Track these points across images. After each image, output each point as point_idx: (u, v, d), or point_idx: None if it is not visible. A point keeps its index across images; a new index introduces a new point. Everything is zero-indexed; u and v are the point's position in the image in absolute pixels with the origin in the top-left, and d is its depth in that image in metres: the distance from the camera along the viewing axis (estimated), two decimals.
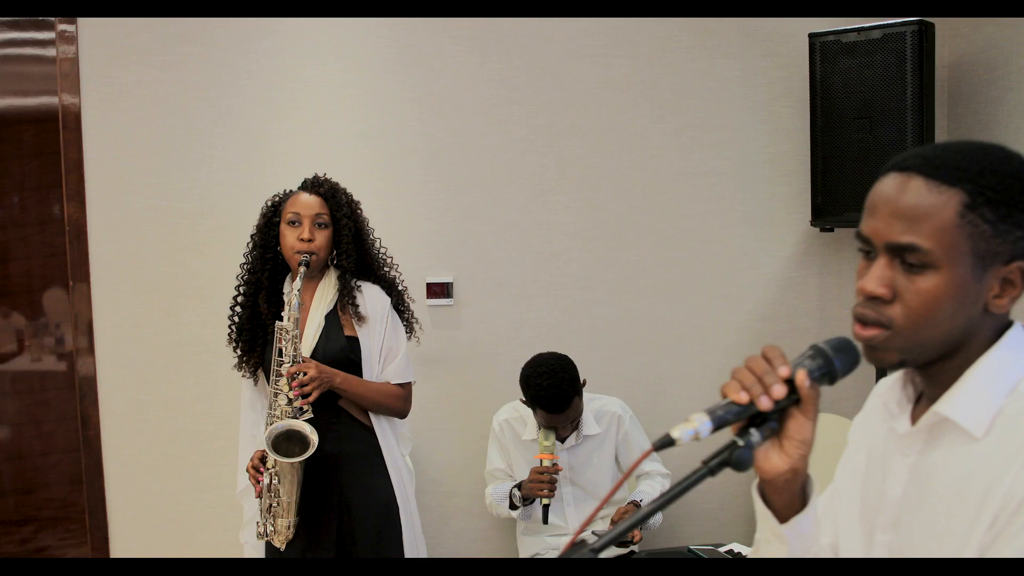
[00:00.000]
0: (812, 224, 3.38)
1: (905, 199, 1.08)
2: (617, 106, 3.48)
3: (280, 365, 2.45)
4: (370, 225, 2.75)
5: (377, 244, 2.72)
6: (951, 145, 1.11)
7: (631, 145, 3.50)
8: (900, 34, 3.00)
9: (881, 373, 2.35)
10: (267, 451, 2.37)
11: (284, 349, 2.45)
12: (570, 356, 2.98)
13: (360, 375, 2.57)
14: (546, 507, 2.91)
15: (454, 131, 3.44)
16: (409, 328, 2.74)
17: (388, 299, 2.66)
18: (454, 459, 3.50)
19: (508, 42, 3.43)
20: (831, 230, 3.43)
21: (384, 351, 2.62)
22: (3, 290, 3.51)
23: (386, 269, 2.71)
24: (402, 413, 2.66)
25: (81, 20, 3.23)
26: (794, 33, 3.38)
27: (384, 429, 2.61)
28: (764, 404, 1.04)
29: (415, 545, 2.62)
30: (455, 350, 3.49)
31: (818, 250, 3.57)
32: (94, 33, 3.24)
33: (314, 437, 2.38)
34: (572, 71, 3.46)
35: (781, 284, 3.56)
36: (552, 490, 2.90)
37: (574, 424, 3.04)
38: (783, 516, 1.13)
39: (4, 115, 3.40)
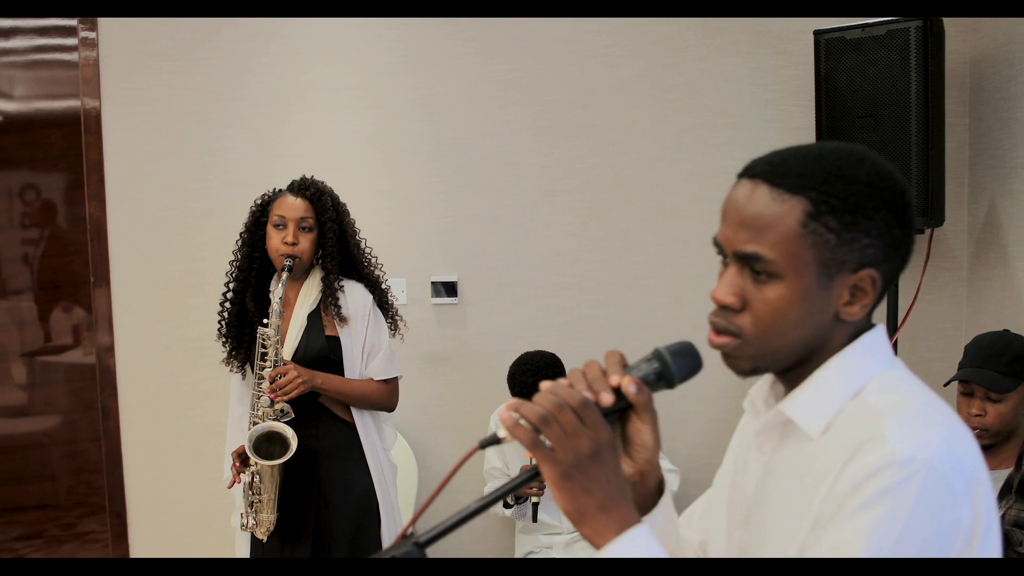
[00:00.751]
0: None
1: (750, 208, 1.07)
2: (623, 106, 3.47)
3: (263, 369, 2.53)
4: (358, 226, 2.77)
5: (363, 244, 2.76)
6: (801, 150, 1.09)
7: (637, 145, 3.48)
8: (904, 30, 2.91)
9: None
10: (248, 453, 2.44)
11: (267, 353, 2.53)
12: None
13: (342, 374, 2.62)
14: (535, 505, 2.93)
15: (460, 132, 3.47)
16: (394, 326, 2.78)
17: (370, 296, 2.69)
18: (457, 456, 3.52)
19: (514, 43, 3.45)
20: None
21: (367, 348, 2.66)
22: (67, 281, 3.68)
23: (370, 268, 2.74)
24: (389, 408, 2.70)
25: (101, 27, 3.37)
26: (804, 30, 3.30)
27: (367, 424, 2.66)
28: None
29: (395, 536, 2.66)
30: (460, 349, 3.53)
31: None
32: (113, 39, 3.38)
33: (294, 441, 2.45)
34: (578, 71, 3.46)
35: None
36: (541, 489, 2.91)
37: None
38: None
39: (34, 118, 3.58)
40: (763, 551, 1.10)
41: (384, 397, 2.68)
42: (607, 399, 1.04)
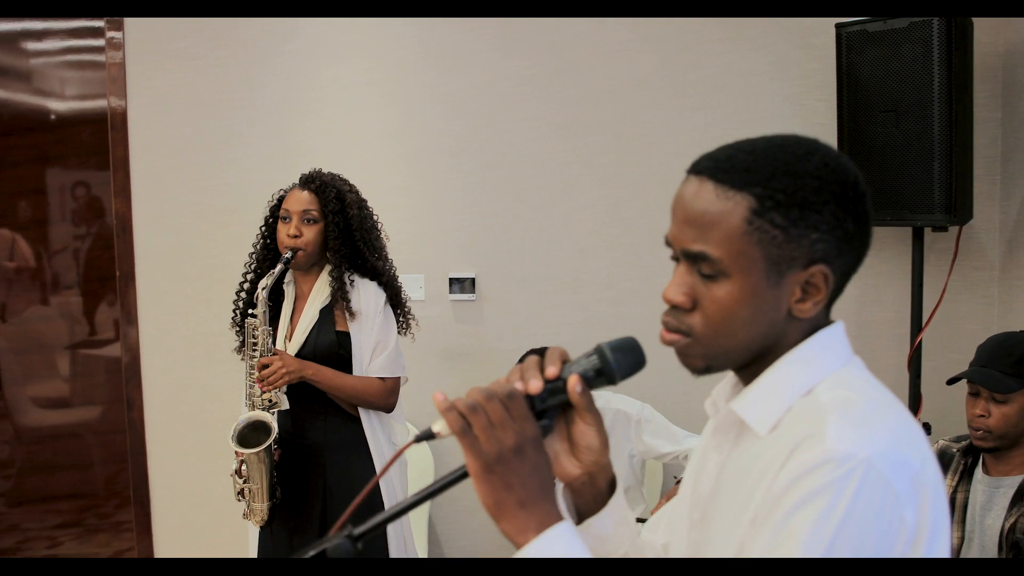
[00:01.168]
0: None
1: (696, 206, 1.04)
2: (642, 102, 3.43)
3: (252, 359, 2.56)
4: (378, 220, 2.77)
5: (376, 240, 2.74)
6: (748, 145, 1.06)
7: (656, 141, 3.44)
8: (927, 23, 2.83)
9: None
10: (231, 442, 2.47)
11: (256, 343, 2.56)
12: None
13: (350, 370, 2.63)
14: None
15: (478, 128, 3.47)
16: (406, 325, 2.78)
17: (383, 295, 2.70)
18: None
19: (532, 39, 3.43)
20: None
21: (374, 345, 2.67)
22: (104, 276, 3.77)
23: (380, 264, 2.74)
24: (386, 407, 2.68)
25: (127, 28, 3.45)
26: (825, 24, 3.23)
27: (372, 420, 2.66)
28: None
29: (400, 535, 2.66)
30: (477, 345, 3.53)
31: None
32: (138, 40, 3.45)
33: (274, 425, 2.47)
34: (596, 67, 3.43)
35: None
36: None
37: None
38: (582, 517, 1.13)
39: (66, 117, 3.68)
40: (710, 551, 1.07)
41: (381, 396, 2.65)
42: (535, 386, 1.04)
